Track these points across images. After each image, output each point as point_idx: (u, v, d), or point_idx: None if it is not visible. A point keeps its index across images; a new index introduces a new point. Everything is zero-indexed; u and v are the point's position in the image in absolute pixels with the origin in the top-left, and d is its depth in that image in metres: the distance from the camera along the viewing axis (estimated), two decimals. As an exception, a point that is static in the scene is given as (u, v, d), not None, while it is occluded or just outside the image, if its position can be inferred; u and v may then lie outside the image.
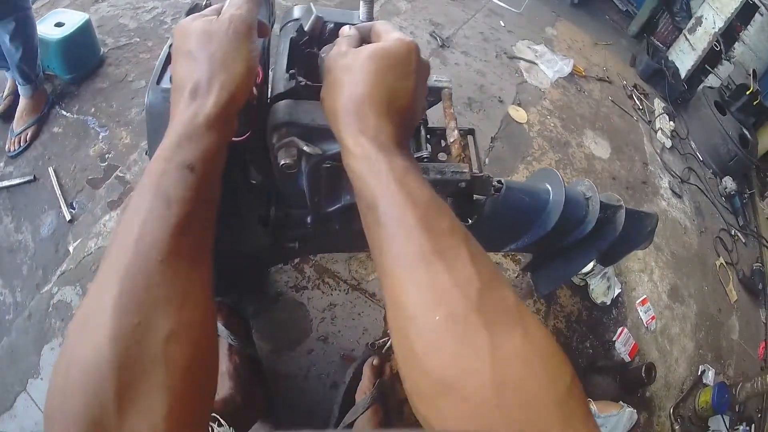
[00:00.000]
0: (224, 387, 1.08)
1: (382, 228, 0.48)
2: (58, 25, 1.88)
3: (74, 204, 1.60)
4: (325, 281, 1.48)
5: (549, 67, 2.90)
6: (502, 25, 3.17)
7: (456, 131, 0.88)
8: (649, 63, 3.50)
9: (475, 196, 1.02)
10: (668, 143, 2.98)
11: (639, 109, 3.13)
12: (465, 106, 2.30)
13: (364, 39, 0.61)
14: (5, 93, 1.87)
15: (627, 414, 1.53)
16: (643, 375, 1.61)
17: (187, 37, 0.54)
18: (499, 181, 1.09)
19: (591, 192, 1.23)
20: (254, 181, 0.91)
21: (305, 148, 0.69)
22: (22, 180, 1.64)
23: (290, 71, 0.72)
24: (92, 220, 1.54)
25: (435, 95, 0.93)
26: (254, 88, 0.67)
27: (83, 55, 1.96)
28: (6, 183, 1.64)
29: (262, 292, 1.41)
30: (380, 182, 0.49)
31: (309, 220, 0.99)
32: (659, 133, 3.01)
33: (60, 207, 1.57)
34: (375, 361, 1.31)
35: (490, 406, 0.37)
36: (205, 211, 0.49)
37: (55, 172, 1.67)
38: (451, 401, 0.39)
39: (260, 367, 1.22)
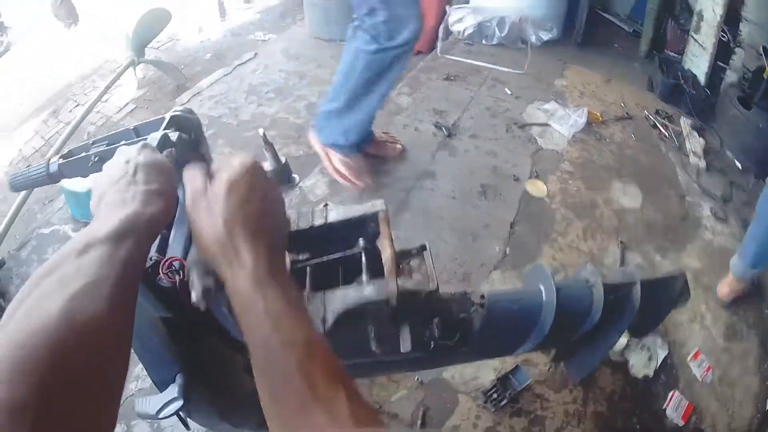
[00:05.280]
0: None
1: (262, 374, 0.53)
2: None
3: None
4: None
5: (562, 124, 2.96)
6: (509, 93, 3.25)
7: (389, 249, 0.94)
8: (665, 81, 3.45)
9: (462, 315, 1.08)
10: (703, 164, 2.92)
11: (666, 137, 3.11)
12: (479, 196, 2.37)
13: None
14: None
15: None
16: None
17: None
18: (482, 296, 1.12)
19: (594, 277, 1.20)
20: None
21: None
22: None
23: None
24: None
25: (374, 221, 1.00)
26: None
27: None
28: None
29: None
30: (258, 327, 0.53)
31: None
32: (691, 156, 2.97)
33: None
34: None
35: None
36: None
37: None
38: None
39: None
